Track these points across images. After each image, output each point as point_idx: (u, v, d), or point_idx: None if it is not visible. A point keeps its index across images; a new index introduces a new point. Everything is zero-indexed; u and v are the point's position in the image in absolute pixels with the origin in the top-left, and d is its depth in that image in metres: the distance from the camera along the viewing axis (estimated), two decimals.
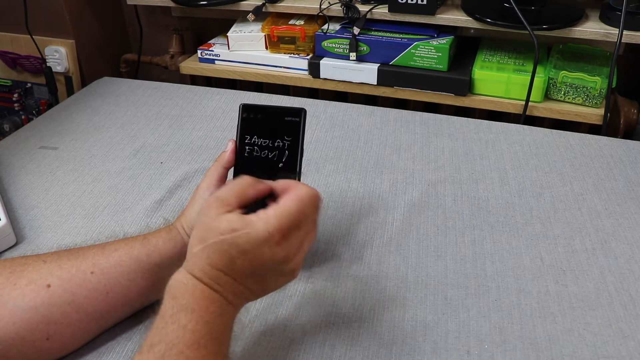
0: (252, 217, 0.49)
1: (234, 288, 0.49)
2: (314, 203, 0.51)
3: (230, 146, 0.62)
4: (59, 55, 1.46)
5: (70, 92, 1.51)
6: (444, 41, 1.15)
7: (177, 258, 0.60)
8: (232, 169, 0.63)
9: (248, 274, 0.49)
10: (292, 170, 0.61)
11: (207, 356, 0.46)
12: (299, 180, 0.61)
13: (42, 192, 0.83)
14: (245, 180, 0.53)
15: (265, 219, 0.48)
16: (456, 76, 1.15)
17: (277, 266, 0.50)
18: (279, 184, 0.53)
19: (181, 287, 0.48)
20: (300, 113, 0.61)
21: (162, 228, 0.62)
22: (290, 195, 0.50)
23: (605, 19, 1.09)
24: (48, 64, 1.46)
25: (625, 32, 1.04)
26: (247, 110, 0.62)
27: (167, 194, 0.82)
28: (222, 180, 0.61)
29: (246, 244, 0.48)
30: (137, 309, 0.61)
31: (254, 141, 0.62)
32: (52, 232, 0.75)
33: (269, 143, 0.61)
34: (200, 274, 0.48)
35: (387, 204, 0.79)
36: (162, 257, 0.59)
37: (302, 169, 0.61)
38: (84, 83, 1.49)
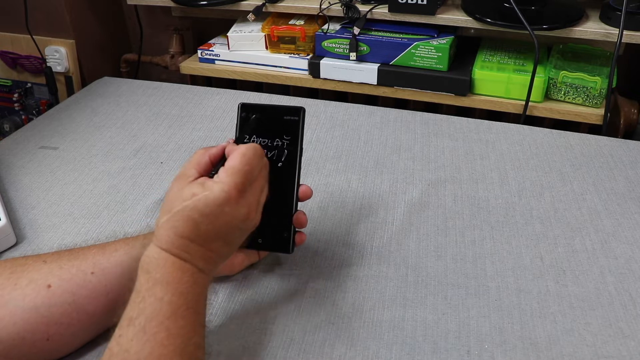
0: (209, 182, 0.52)
1: (202, 254, 0.52)
2: (257, 155, 0.55)
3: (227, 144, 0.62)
4: (59, 55, 1.46)
5: (70, 92, 1.51)
6: (444, 41, 1.15)
7: None
8: None
9: (213, 237, 0.52)
10: (291, 169, 0.61)
11: (186, 326, 0.49)
12: (299, 178, 0.62)
13: (42, 192, 0.83)
14: (198, 151, 0.57)
15: (220, 181, 0.52)
16: (456, 76, 1.15)
17: (240, 224, 0.53)
18: (227, 148, 0.57)
19: (153, 261, 0.50)
20: (299, 112, 0.61)
21: None
22: (234, 154, 0.54)
23: (606, 19, 1.09)
24: (48, 64, 1.46)
25: (625, 32, 1.04)
26: (245, 110, 0.62)
27: None
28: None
29: (206, 207, 0.51)
30: None
31: (253, 140, 0.62)
32: (52, 232, 0.75)
33: (268, 142, 0.61)
34: (168, 245, 0.50)
35: (387, 203, 0.79)
36: None
37: (302, 169, 0.61)
38: (84, 83, 1.49)
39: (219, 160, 0.57)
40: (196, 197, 0.51)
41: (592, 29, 1.07)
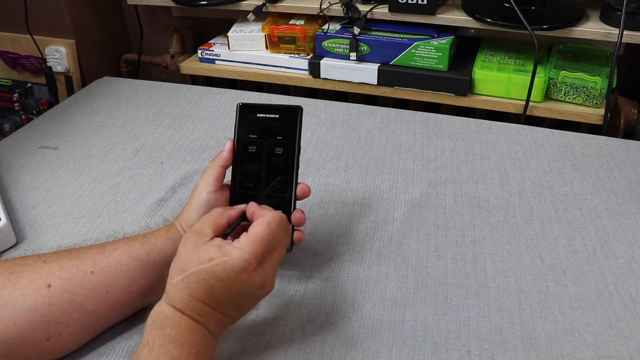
0: (228, 247, 0.51)
1: (214, 317, 0.51)
2: (281, 225, 0.54)
3: (228, 145, 0.62)
4: (59, 55, 1.46)
5: (70, 92, 1.51)
6: (444, 41, 1.15)
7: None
8: (230, 168, 0.63)
9: (227, 302, 0.51)
10: (289, 167, 0.61)
11: None
12: (297, 177, 0.62)
13: (42, 192, 0.83)
14: (216, 210, 0.56)
15: (240, 248, 0.51)
16: (456, 76, 1.15)
17: (254, 291, 0.53)
18: (248, 209, 0.57)
19: (166, 319, 0.50)
20: (297, 111, 0.61)
21: (161, 227, 0.62)
22: (259, 221, 0.53)
23: (606, 19, 1.09)
24: (48, 64, 1.46)
25: (625, 32, 1.04)
26: (244, 109, 0.63)
27: (168, 194, 0.82)
28: (220, 179, 0.62)
29: (224, 273, 0.50)
30: (137, 308, 0.61)
31: (252, 139, 0.62)
32: (52, 232, 0.75)
33: (266, 141, 0.62)
34: (182, 305, 0.50)
35: (387, 203, 0.79)
36: (161, 255, 0.59)
37: (302, 168, 0.61)
38: (84, 83, 1.49)
39: (236, 219, 0.57)
40: (214, 262, 0.50)
41: (592, 29, 1.07)
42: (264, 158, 0.62)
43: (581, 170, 0.86)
